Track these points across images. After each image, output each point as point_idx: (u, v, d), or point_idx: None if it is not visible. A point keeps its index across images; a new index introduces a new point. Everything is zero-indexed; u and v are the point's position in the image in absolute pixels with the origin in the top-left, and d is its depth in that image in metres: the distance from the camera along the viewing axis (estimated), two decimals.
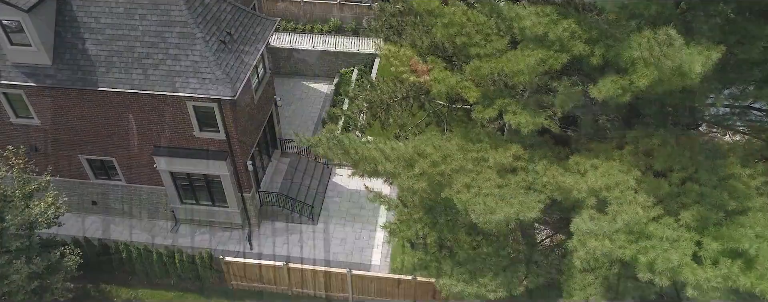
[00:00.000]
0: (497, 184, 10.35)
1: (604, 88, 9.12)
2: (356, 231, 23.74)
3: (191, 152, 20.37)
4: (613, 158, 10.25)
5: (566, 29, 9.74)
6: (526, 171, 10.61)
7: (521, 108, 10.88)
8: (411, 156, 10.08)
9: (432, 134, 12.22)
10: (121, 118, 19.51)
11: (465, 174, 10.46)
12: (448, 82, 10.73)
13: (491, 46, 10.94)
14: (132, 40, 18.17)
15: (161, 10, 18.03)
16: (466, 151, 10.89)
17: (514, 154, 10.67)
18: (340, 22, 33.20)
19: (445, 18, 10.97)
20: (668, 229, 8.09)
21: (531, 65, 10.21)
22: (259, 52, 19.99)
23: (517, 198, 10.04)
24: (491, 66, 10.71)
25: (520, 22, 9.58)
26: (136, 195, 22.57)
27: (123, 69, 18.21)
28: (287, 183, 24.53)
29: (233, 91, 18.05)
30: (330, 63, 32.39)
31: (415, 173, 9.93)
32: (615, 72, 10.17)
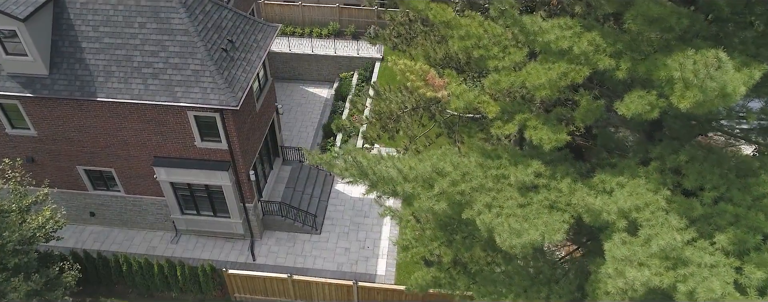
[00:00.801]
0: (519, 203, 9.98)
1: (632, 105, 8.76)
2: (360, 240, 23.34)
3: (192, 162, 19.90)
4: (639, 175, 9.90)
5: (591, 43, 9.38)
6: (548, 189, 10.25)
7: (542, 123, 10.51)
8: (430, 175, 9.70)
9: (447, 149, 11.83)
10: (121, 128, 19.02)
11: (485, 193, 10.08)
12: (467, 98, 10.34)
13: (510, 59, 10.56)
14: (131, 49, 17.69)
15: (161, 18, 17.55)
16: (485, 168, 10.51)
17: (535, 171, 10.30)
18: (339, 26, 32.77)
19: (462, 30, 10.58)
20: (706, 254, 7.76)
21: (553, 79, 9.84)
22: (261, 59, 19.55)
23: (541, 218, 9.67)
24: (510, 80, 10.33)
25: (544, 36, 9.20)
26: (136, 206, 22.07)
27: (122, 79, 17.72)
28: (289, 191, 24.10)
29: (236, 101, 17.61)
30: (329, 67, 31.97)
31: (435, 193, 9.55)
32: (640, 86, 9.84)
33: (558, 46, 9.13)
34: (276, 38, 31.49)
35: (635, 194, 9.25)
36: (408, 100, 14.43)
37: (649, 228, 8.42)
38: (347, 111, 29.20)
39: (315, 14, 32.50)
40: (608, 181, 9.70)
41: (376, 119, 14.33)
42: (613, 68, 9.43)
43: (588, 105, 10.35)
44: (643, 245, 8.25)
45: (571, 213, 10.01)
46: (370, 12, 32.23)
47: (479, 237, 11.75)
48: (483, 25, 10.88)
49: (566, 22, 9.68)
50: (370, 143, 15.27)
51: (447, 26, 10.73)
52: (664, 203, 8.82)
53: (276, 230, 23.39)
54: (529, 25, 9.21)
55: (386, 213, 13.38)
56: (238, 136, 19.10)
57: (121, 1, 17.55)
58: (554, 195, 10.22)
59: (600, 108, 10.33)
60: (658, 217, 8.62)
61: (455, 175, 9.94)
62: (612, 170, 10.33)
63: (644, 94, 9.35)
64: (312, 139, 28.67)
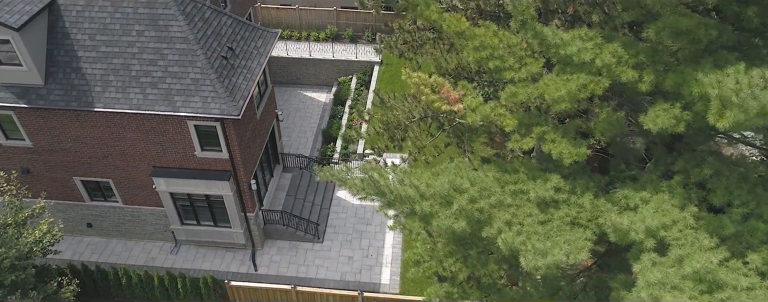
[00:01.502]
0: (539, 220, 9.67)
1: (659, 120, 8.47)
2: (363, 248, 23.00)
3: (192, 172, 19.47)
4: (662, 190, 9.63)
5: (613, 54, 9.09)
6: (568, 205, 9.95)
7: (560, 136, 10.21)
8: (447, 192, 9.38)
9: (460, 162, 11.51)
10: (118, 138, 18.56)
11: (504, 209, 9.77)
12: (483, 111, 10.03)
13: (526, 70, 10.26)
14: (129, 58, 17.24)
15: (160, 26, 17.11)
16: (503, 183, 10.20)
17: (554, 186, 10.00)
18: (336, 29, 32.38)
19: (476, 40, 10.26)
20: (741, 276, 7.50)
21: (572, 92, 9.55)
22: (262, 66, 19.15)
23: (563, 235, 9.37)
24: (528, 92, 10.02)
25: (566, 48, 8.90)
26: (134, 216, 21.61)
27: (120, 88, 17.27)
28: (290, 199, 23.70)
29: (237, 110, 17.20)
30: (328, 71, 31.58)
31: (453, 211, 9.23)
32: (661, 97, 9.56)
33: (581, 59, 8.83)
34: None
35: (661, 211, 8.96)
36: (415, 109, 14.09)
37: (679, 248, 8.14)
38: (347, 116, 28.84)
39: (312, 18, 32.09)
40: (632, 197, 9.42)
41: (383, 129, 13.98)
42: (635, 80, 9.15)
43: (608, 117, 10.07)
44: (674, 266, 7.96)
45: (593, 230, 9.72)
46: (368, 15, 31.87)
47: (495, 251, 11.44)
48: (497, 34, 10.57)
49: (586, 33, 9.38)
50: (378, 154, 14.91)
51: (461, 37, 10.42)
52: (692, 221, 8.55)
53: (278, 239, 23.00)
54: (551, 38, 8.90)
55: (396, 226, 13.04)
56: (240, 145, 18.70)
57: (118, 9, 17.09)
58: (575, 210, 9.92)
59: (621, 120, 10.05)
60: (687, 236, 8.34)
61: (473, 192, 9.62)
62: (634, 184, 10.05)
63: (668, 107, 9.07)
64: (311, 145, 28.28)
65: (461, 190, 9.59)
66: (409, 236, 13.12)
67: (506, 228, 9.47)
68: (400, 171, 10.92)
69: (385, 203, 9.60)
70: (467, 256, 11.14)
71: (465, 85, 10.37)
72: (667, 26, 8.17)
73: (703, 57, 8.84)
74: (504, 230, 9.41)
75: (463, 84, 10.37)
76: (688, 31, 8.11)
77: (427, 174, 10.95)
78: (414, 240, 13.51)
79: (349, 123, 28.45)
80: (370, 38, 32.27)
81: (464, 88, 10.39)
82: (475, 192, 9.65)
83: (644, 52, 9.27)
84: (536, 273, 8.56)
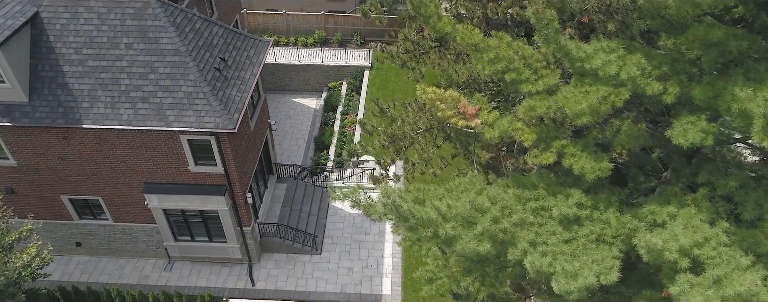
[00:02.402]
0: (564, 239, 9.34)
1: (689, 135, 8.19)
2: (363, 258, 22.56)
3: (186, 187, 18.83)
4: (687, 204, 9.37)
5: (637, 66, 8.79)
6: (591, 221, 9.64)
7: (580, 150, 9.90)
8: (469, 213, 9.00)
9: (473, 176, 11.14)
10: (108, 155, 17.86)
11: (527, 228, 9.42)
12: (501, 126, 9.67)
13: (543, 82, 9.93)
14: (118, 72, 16.55)
15: (149, 38, 16.46)
16: (523, 200, 9.86)
17: (576, 202, 9.68)
18: (325, 34, 31.86)
19: (491, 53, 9.91)
20: None
21: (594, 105, 9.24)
22: (255, 77, 18.59)
23: (590, 255, 9.06)
24: (546, 105, 9.69)
25: (591, 62, 8.58)
26: (126, 234, 20.88)
27: (109, 103, 16.58)
28: (286, 211, 23.15)
29: (233, 123, 16.63)
30: (317, 77, 31.07)
31: (477, 232, 8.86)
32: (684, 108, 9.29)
33: (606, 73, 8.51)
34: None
35: (691, 227, 8.68)
36: (420, 120, 13.69)
37: (715, 268, 7.87)
38: (339, 122, 28.36)
39: (299, 23, 31.52)
40: (659, 212, 9.14)
41: (388, 142, 13.56)
42: (660, 92, 8.87)
43: (630, 129, 9.78)
44: (712, 287, 7.69)
45: (618, 247, 9.43)
46: (356, 19, 31.42)
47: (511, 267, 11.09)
48: (511, 45, 10.23)
49: (609, 45, 9.07)
50: (384, 168, 14.47)
51: (475, 49, 10.04)
52: (725, 238, 8.28)
53: (274, 252, 22.45)
54: (575, 52, 8.57)
55: (406, 242, 12.62)
56: (235, 159, 18.13)
57: (104, 22, 16.40)
58: (599, 226, 9.62)
59: (643, 132, 9.77)
60: (721, 254, 8.08)
61: (495, 211, 9.26)
62: (658, 198, 9.78)
63: (695, 120, 8.81)
64: (303, 153, 27.76)
65: (483, 210, 9.22)
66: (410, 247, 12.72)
67: (531, 248, 9.13)
68: (413, 189, 10.52)
69: (407, 228, 9.20)
70: (485, 275, 10.79)
71: (480, 99, 10.00)
72: (698, 38, 7.88)
73: (731, 68, 8.59)
74: (529, 251, 9.06)
75: (478, 98, 10.00)
76: (719, 43, 7.84)
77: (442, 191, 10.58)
78: (424, 256, 13.12)
79: (342, 129, 27.98)
80: (359, 42, 31.82)
81: (479, 101, 10.02)
82: (497, 211, 9.29)
83: (667, 63, 8.99)
84: (569, 297, 8.24)
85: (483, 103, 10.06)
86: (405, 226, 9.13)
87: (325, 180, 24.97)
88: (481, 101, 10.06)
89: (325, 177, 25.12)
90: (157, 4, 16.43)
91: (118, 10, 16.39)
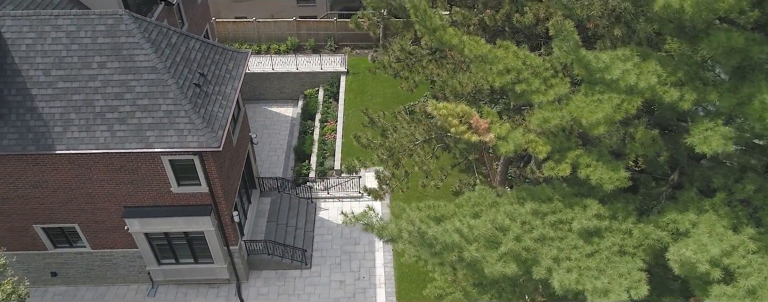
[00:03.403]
0: (587, 253, 9.12)
1: (713, 143, 8.05)
2: (354, 270, 22.08)
3: (169, 210, 18.00)
4: (706, 210, 9.27)
5: (654, 74, 8.62)
6: (611, 232, 9.45)
7: (595, 159, 9.69)
8: (492, 233, 8.68)
9: (481, 189, 10.84)
10: (84, 180, 16.88)
11: (548, 243, 9.16)
12: (515, 139, 9.38)
13: (554, 92, 9.69)
14: (91, 93, 15.62)
15: (124, 56, 15.59)
16: (540, 214, 9.59)
17: (595, 214, 9.48)
18: (297, 40, 31.18)
19: (500, 64, 9.60)
20: None
21: (609, 114, 9.03)
22: (237, 91, 17.89)
23: (615, 268, 8.85)
24: (560, 116, 9.44)
25: (610, 72, 8.36)
26: (105, 260, 19.86)
27: (84, 127, 15.63)
28: (272, 226, 22.47)
29: (217, 141, 15.92)
30: (292, 84, 30.37)
31: (501, 253, 8.54)
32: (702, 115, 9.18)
33: (626, 83, 8.31)
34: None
35: (715, 235, 8.57)
36: (417, 131, 13.31)
37: (748, 278, 7.75)
38: (318, 130, 27.75)
39: (271, 30, 30.74)
40: (681, 221, 9.00)
41: (386, 156, 13.13)
42: (678, 99, 8.72)
43: (644, 136, 9.63)
44: (747, 298, 7.57)
45: (641, 257, 9.26)
46: (329, 24, 30.86)
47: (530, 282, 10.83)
48: (517, 54, 9.95)
49: (624, 54, 8.88)
50: (384, 183, 14.01)
51: (482, 61, 9.72)
52: (752, 245, 8.19)
53: (263, 269, 21.75)
54: (594, 63, 8.32)
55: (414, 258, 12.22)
56: (219, 177, 17.40)
57: (74, 41, 15.44)
58: (619, 237, 9.44)
59: (657, 139, 9.63)
60: (752, 263, 7.97)
61: (516, 229, 8.96)
62: (675, 205, 9.66)
63: (713, 126, 8.70)
64: (284, 164, 27.08)
65: (504, 229, 8.90)
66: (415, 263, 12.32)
67: (555, 265, 8.86)
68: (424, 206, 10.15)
69: (432, 253, 8.81)
70: (502, 290, 10.50)
71: (490, 112, 9.69)
72: (721, 44, 7.74)
73: (747, 72, 8.49)
74: (554, 268, 8.80)
75: (487, 110, 9.68)
76: (741, 49, 7.71)
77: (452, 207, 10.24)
78: (431, 271, 12.75)
79: (322, 138, 27.39)
80: (333, 47, 31.26)
81: (490, 114, 9.70)
82: (518, 228, 8.99)
83: (681, 69, 8.85)
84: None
85: (493, 116, 9.75)
86: (429, 252, 8.74)
87: (310, 192, 24.36)
88: (491, 114, 9.74)
89: (309, 189, 24.50)
90: (130, 19, 15.57)
91: (89, 28, 15.46)
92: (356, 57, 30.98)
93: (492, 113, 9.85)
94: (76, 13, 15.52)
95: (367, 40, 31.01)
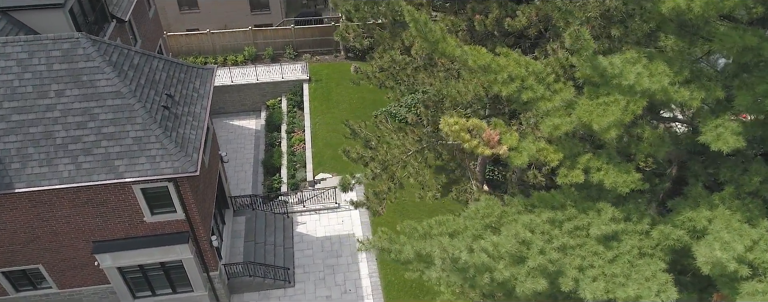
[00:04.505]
0: (608, 259, 9.01)
1: (729, 140, 8.07)
2: (340, 283, 21.52)
3: (143, 241, 16.93)
4: (716, 204, 9.34)
5: (665, 74, 8.58)
6: (628, 234, 9.38)
7: (605, 162, 9.60)
8: (517, 248, 8.41)
9: (488, 199, 10.59)
10: (47, 218, 15.63)
11: (570, 252, 8.99)
12: (529, 150, 9.16)
13: (560, 98, 9.52)
14: (50, 124, 14.43)
15: (84, 82, 14.47)
16: (556, 223, 9.42)
17: (611, 218, 9.38)
18: (255, 50, 30.20)
19: (504, 73, 9.36)
20: None
21: (619, 117, 8.94)
22: (207, 110, 16.99)
23: (640, 272, 8.78)
24: (569, 121, 9.29)
25: (627, 78, 8.24)
26: (74, 300, 18.51)
27: (44, 161, 14.43)
28: (250, 245, 21.60)
29: (194, 165, 15.06)
30: (253, 96, 29.41)
31: (530, 268, 8.29)
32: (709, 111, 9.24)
33: (642, 87, 8.21)
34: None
35: (733, 230, 8.61)
36: (409, 143, 12.94)
37: None
38: (286, 142, 26.96)
39: (226, 41, 29.63)
40: (697, 219, 9.01)
41: (380, 169, 12.68)
42: (688, 98, 8.71)
43: (651, 136, 9.60)
44: None
45: (660, 257, 9.23)
46: (287, 31, 30.05)
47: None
48: (519, 62, 9.74)
49: (631, 57, 8.80)
50: (380, 199, 13.54)
51: (485, 70, 9.44)
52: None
53: (245, 292, 20.88)
54: (610, 69, 8.18)
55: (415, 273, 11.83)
56: (196, 202, 16.50)
57: (26, 69, 14.21)
58: (637, 239, 9.38)
59: (666, 137, 9.63)
60: None
61: (539, 241, 8.73)
62: (684, 202, 9.69)
63: (723, 122, 8.74)
64: (252, 179, 26.16)
65: (528, 243, 8.66)
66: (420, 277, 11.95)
67: (581, 275, 8.69)
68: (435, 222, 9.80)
69: (464, 278, 8.46)
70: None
71: (499, 123, 9.43)
72: (735, 44, 7.73)
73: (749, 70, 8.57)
74: (580, 278, 8.62)
75: (496, 122, 9.41)
76: (753, 48, 7.73)
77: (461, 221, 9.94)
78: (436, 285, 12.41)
79: (291, 149, 26.62)
80: (293, 55, 30.48)
81: (498, 125, 9.44)
82: (540, 240, 8.77)
83: (687, 67, 8.85)
84: None
85: (502, 127, 9.49)
86: (461, 277, 8.39)
87: (285, 206, 23.59)
88: (500, 125, 9.48)
89: (284, 203, 23.72)
90: (87, 42, 14.46)
91: (42, 54, 14.26)
92: (317, 63, 30.33)
93: (500, 124, 9.59)
94: (27, 39, 14.28)
95: (326, 46, 30.41)
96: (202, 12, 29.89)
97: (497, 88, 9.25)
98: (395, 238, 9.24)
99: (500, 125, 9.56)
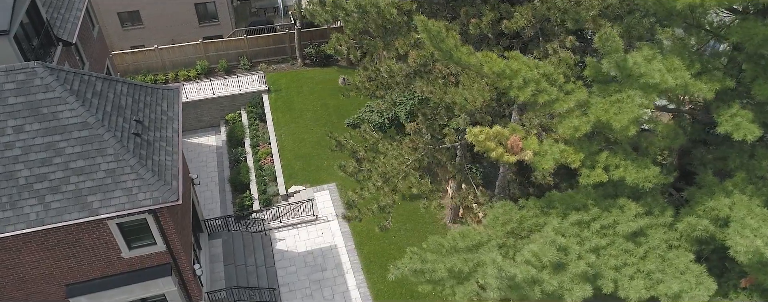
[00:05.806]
0: (640, 256, 9.01)
1: (751, 128, 8.22)
2: (328, 298, 20.94)
3: (122, 278, 15.77)
4: (729, 190, 9.53)
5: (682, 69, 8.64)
6: (653, 228, 9.43)
7: (622, 159, 9.61)
8: (557, 257, 8.24)
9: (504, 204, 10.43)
10: (12, 265, 14.26)
11: (602, 253, 8.93)
12: (554, 154, 9.02)
13: (574, 98, 9.44)
14: (10, 163, 13.12)
15: (45, 115, 13.24)
16: (583, 225, 9.34)
17: (635, 214, 9.40)
18: (208, 63, 28.94)
19: (518, 78, 9.17)
20: None
21: (636, 115, 8.95)
22: (178, 132, 16.00)
23: (674, 266, 8.83)
24: (586, 121, 9.22)
25: (653, 76, 8.21)
26: None
27: (7, 204, 13.12)
28: (231, 269, 20.65)
29: (174, 193, 14.12)
30: (211, 111, 28.20)
31: (573, 274, 8.14)
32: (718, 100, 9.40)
33: (667, 85, 8.21)
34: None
35: (754, 215, 8.80)
36: (405, 151, 12.58)
37: None
38: (252, 156, 25.98)
39: (176, 56, 28.22)
40: (719, 208, 9.15)
41: (382, 182, 12.25)
42: (703, 90, 8.81)
43: (665, 129, 9.69)
44: None
45: (686, 247, 9.33)
46: (239, 42, 28.97)
47: None
48: (529, 65, 9.59)
49: (647, 54, 8.79)
50: (386, 212, 13.08)
51: (500, 76, 9.23)
52: None
53: None
54: (635, 69, 8.14)
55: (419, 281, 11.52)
56: (177, 231, 15.52)
57: None
58: (662, 232, 9.44)
59: (678, 131, 9.74)
60: None
61: (576, 246, 8.61)
62: (699, 191, 9.84)
63: (737, 112, 8.91)
64: (219, 198, 25.10)
65: (565, 249, 8.52)
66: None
67: (619, 275, 8.64)
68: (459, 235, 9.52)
69: (520, 296, 8.20)
70: None
71: (518, 129, 9.24)
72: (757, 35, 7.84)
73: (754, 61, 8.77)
74: (618, 278, 8.57)
75: (513, 126, 9.22)
76: None
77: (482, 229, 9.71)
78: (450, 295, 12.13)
79: (258, 163, 25.68)
80: (248, 66, 29.44)
81: (517, 131, 9.26)
82: (576, 245, 8.65)
83: (697, 60, 8.95)
84: None
85: (520, 132, 9.31)
86: (518, 295, 8.12)
87: (262, 224, 22.71)
88: (518, 130, 9.30)
89: (259, 221, 22.83)
90: (45, 72, 13.24)
91: None
92: (274, 72, 29.45)
93: (518, 129, 9.40)
94: None
95: (282, 54, 29.57)
96: (147, 27, 28.33)
97: (514, 93, 9.06)
98: (424, 257, 8.88)
99: (518, 130, 9.38)
